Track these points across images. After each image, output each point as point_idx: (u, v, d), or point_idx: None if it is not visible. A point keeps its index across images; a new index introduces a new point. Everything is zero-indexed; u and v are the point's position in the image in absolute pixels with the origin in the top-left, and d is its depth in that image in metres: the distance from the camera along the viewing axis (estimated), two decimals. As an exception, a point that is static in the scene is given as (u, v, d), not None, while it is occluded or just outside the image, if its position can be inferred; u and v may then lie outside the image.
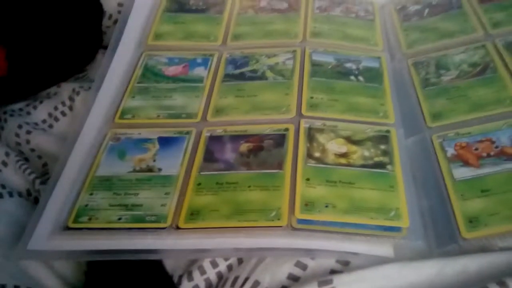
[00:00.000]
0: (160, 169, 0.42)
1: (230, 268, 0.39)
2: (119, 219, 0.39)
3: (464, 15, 0.55)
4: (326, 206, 0.38)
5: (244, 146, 0.44)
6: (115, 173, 0.43)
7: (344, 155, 0.42)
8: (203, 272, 0.38)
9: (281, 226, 0.37)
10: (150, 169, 0.43)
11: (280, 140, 0.44)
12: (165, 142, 0.45)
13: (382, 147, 0.43)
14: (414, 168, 0.42)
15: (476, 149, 0.41)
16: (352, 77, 0.50)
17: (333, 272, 0.36)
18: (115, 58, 0.55)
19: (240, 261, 0.39)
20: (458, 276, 0.34)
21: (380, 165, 0.41)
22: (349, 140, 0.43)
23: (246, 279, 0.37)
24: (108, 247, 0.38)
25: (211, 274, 0.38)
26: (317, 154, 0.42)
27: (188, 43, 0.56)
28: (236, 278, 0.37)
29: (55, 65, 0.57)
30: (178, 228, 0.38)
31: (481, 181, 0.38)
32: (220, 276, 0.38)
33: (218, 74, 0.52)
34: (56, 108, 0.55)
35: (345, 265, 0.37)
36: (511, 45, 0.49)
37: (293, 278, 0.37)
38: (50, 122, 0.54)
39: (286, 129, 0.44)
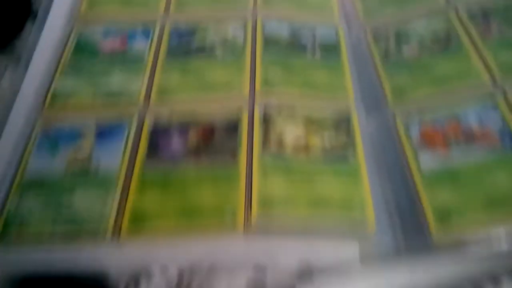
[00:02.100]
0: (97, 168, 0.37)
1: (181, 274, 0.35)
2: (53, 230, 0.34)
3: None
4: (286, 203, 0.35)
5: (193, 134, 0.39)
6: (47, 174, 0.37)
7: (303, 146, 0.38)
8: (150, 279, 0.35)
9: (236, 229, 0.34)
10: (86, 169, 0.37)
11: (232, 126, 0.39)
12: (103, 132, 0.40)
13: (343, 135, 0.39)
14: (378, 156, 0.39)
15: (444, 131, 0.38)
16: (308, 53, 0.45)
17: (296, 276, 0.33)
18: (44, 31, 0.48)
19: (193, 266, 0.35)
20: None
21: (342, 156, 0.38)
22: (308, 124, 0.40)
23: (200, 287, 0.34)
24: (40, 267, 0.33)
25: (161, 281, 0.35)
26: (274, 144, 0.38)
27: (126, 11, 0.50)
28: (188, 285, 0.34)
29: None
30: (120, 238, 0.34)
31: (451, 170, 0.36)
32: (169, 283, 0.35)
33: (161, 48, 0.46)
34: (-23, 89, 0.48)
35: (308, 267, 0.34)
36: (475, 15, 0.46)
37: (253, 285, 0.34)
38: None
39: (239, 114, 0.40)
